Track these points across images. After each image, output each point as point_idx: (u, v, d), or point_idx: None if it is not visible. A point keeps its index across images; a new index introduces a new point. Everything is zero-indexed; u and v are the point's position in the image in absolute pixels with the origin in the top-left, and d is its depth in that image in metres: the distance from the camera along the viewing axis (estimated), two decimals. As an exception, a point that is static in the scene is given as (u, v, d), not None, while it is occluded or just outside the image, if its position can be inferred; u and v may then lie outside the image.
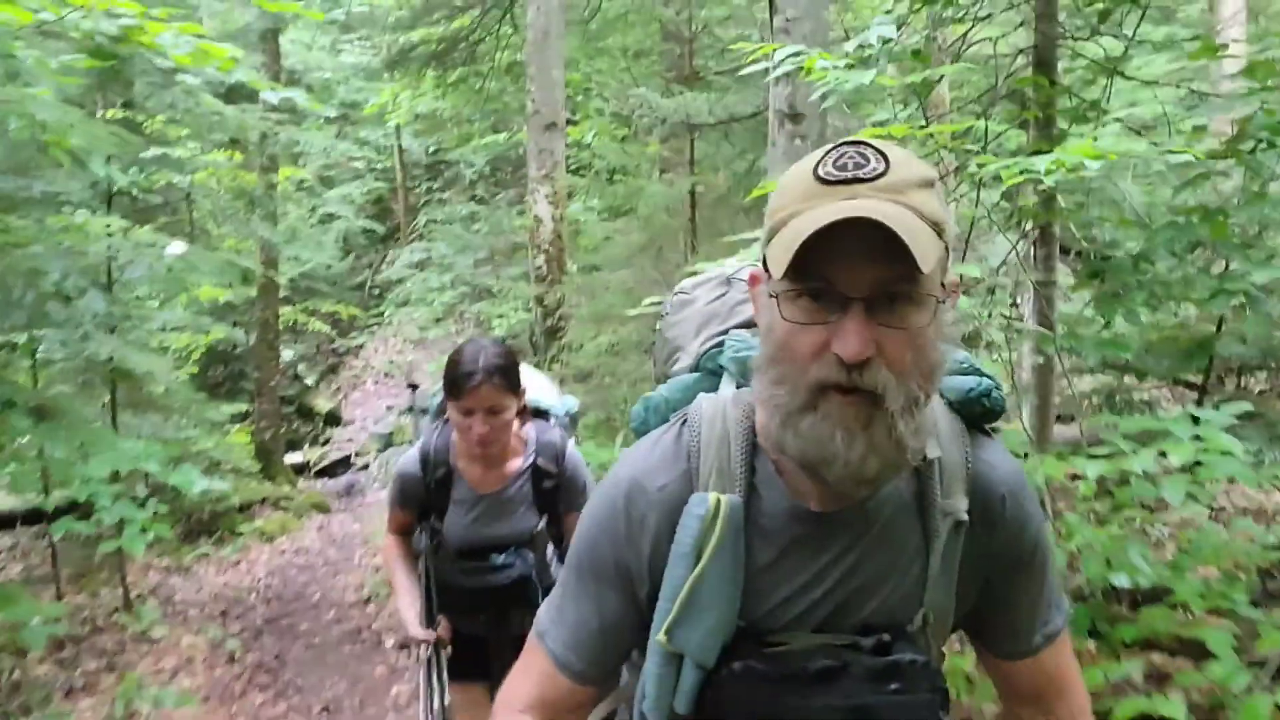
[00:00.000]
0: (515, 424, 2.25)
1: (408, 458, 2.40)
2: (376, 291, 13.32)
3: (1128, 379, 4.47)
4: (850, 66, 2.52)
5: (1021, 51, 3.18)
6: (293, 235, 11.61)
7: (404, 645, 2.74)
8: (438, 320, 10.77)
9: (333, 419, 11.48)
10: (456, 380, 2.14)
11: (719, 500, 1.02)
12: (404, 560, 2.49)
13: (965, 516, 1.05)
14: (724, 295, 1.35)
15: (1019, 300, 3.59)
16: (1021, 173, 2.13)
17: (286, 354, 11.13)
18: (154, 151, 5.99)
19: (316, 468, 10.18)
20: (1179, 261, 2.73)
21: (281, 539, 7.78)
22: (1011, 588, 1.13)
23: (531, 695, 1.15)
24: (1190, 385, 4.05)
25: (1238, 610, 2.40)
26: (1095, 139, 2.42)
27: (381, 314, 12.93)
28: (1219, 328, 3.17)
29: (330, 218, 13.90)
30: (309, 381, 11.95)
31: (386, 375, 12.44)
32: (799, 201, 0.92)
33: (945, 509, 1.05)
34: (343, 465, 10.41)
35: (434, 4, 7.69)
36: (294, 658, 5.02)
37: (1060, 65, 3.05)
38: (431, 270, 11.30)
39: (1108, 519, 2.84)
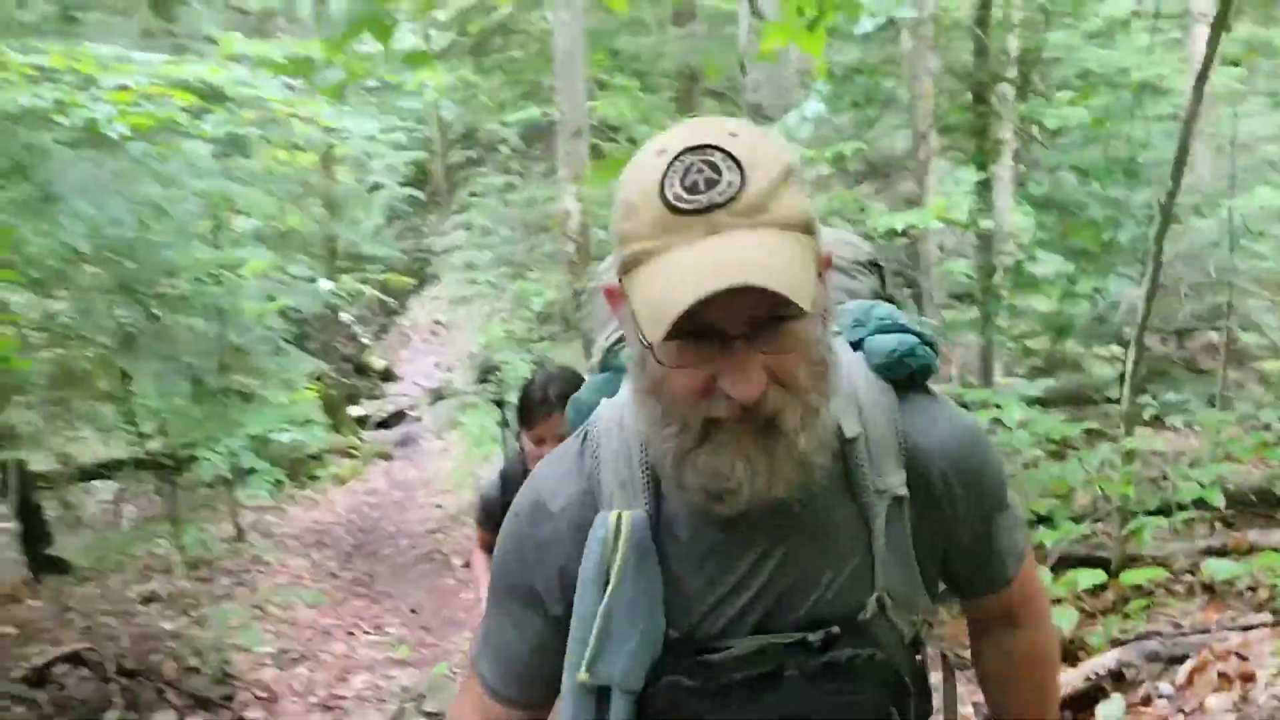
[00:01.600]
0: None
1: (490, 481, 2.55)
2: (421, 255, 14.47)
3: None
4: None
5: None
6: (345, 205, 12.75)
7: None
8: (473, 283, 11.94)
9: (387, 375, 12.77)
10: (528, 409, 2.25)
11: (620, 517, 0.97)
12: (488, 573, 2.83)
13: (903, 491, 0.99)
14: None
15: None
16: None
17: (344, 317, 12.38)
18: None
19: (376, 420, 11.47)
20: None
21: (353, 482, 9.08)
22: (979, 540, 1.09)
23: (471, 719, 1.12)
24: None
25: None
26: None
27: (424, 279, 14.12)
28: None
29: (376, 186, 15.01)
30: (364, 340, 13.20)
31: (432, 334, 13.70)
32: (653, 235, 0.85)
33: (878, 487, 0.99)
34: (398, 418, 11.69)
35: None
36: (380, 575, 6.31)
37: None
38: (472, 239, 12.45)
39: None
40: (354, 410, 11.32)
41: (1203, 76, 3.12)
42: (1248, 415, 4.55)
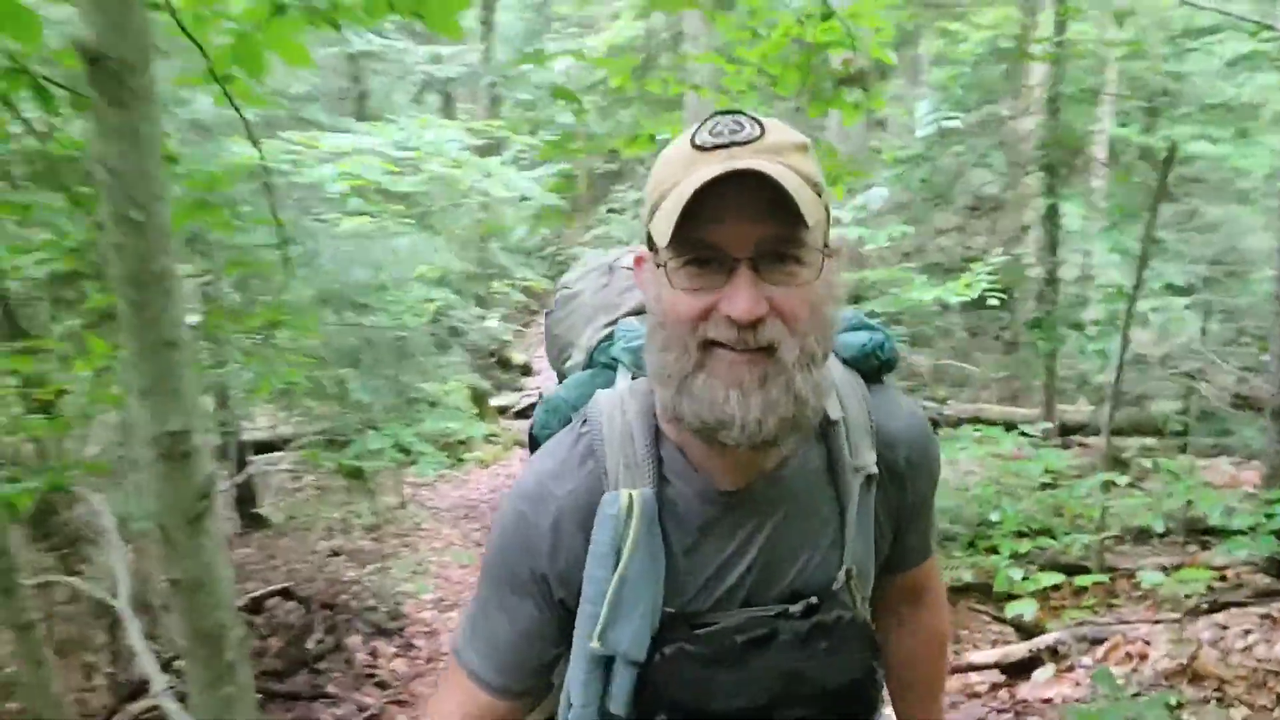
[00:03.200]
0: None
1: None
2: (561, 260, 15.84)
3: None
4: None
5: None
6: (497, 215, 14.20)
7: None
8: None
9: (525, 369, 14.15)
10: None
11: (631, 496, 1.02)
12: None
13: (874, 470, 1.09)
14: (608, 284, 1.36)
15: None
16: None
17: (491, 319, 13.83)
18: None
19: (514, 410, 12.84)
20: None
21: (495, 465, 10.43)
22: (915, 521, 1.21)
23: (453, 713, 1.15)
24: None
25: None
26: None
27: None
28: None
29: (525, 198, 16.49)
30: (507, 337, 14.64)
31: (569, 333, 15.05)
32: (678, 171, 0.94)
33: (855, 466, 1.08)
34: (534, 408, 12.99)
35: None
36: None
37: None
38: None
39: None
40: (496, 401, 12.72)
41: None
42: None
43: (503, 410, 12.75)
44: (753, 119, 0.96)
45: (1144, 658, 3.34)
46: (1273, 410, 3.88)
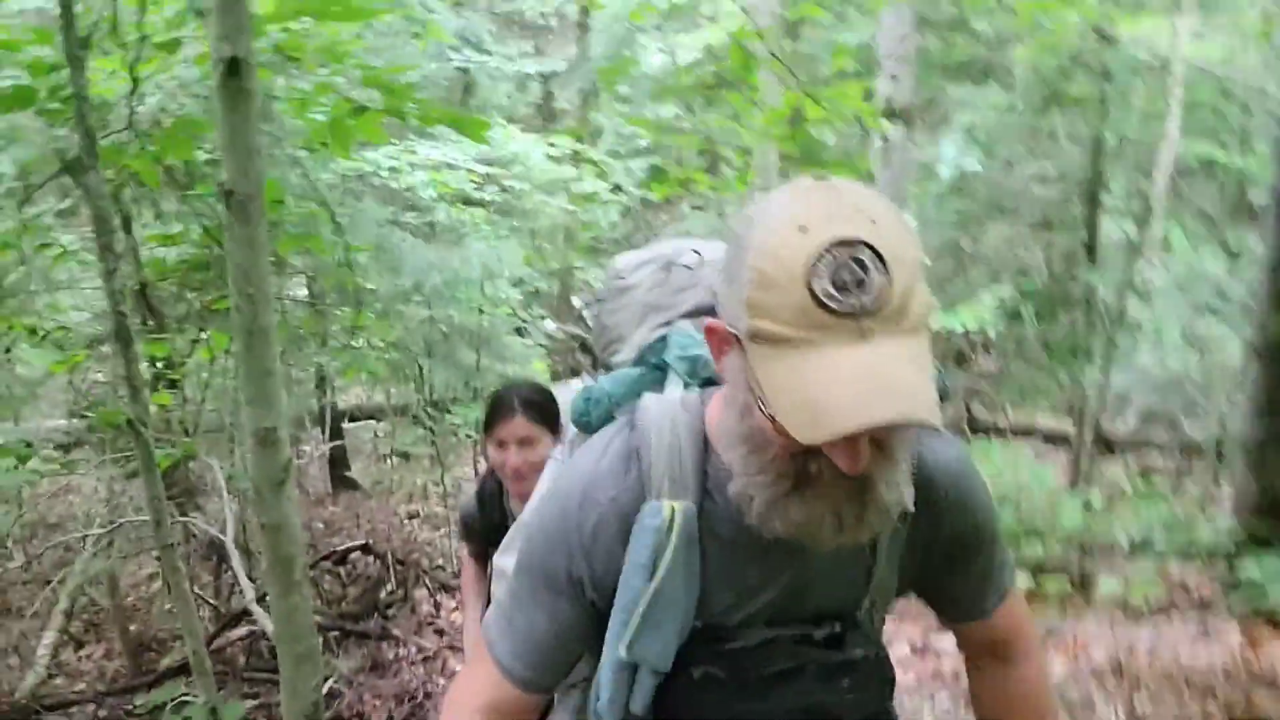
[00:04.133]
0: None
1: (467, 496, 2.59)
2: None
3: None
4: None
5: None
6: (589, 205, 14.91)
7: None
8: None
9: (605, 353, 14.88)
10: (491, 412, 2.28)
11: (673, 509, 1.04)
12: (474, 588, 2.60)
13: (910, 506, 1.04)
14: (664, 282, 1.35)
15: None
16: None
17: (575, 300, 14.58)
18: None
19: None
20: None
21: (567, 445, 11.11)
22: (960, 564, 1.20)
23: (480, 699, 1.19)
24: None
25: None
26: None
27: (650, 270, 16.17)
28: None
29: (617, 188, 17.16)
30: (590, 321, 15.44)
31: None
32: (797, 325, 0.87)
33: None
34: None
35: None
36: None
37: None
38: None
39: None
40: (575, 383, 13.46)
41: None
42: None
43: (578, 391, 13.44)
44: (875, 255, 0.86)
45: (1080, 656, 3.83)
46: (1243, 442, 4.27)
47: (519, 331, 8.60)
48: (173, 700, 3.04)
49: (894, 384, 0.85)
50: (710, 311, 1.12)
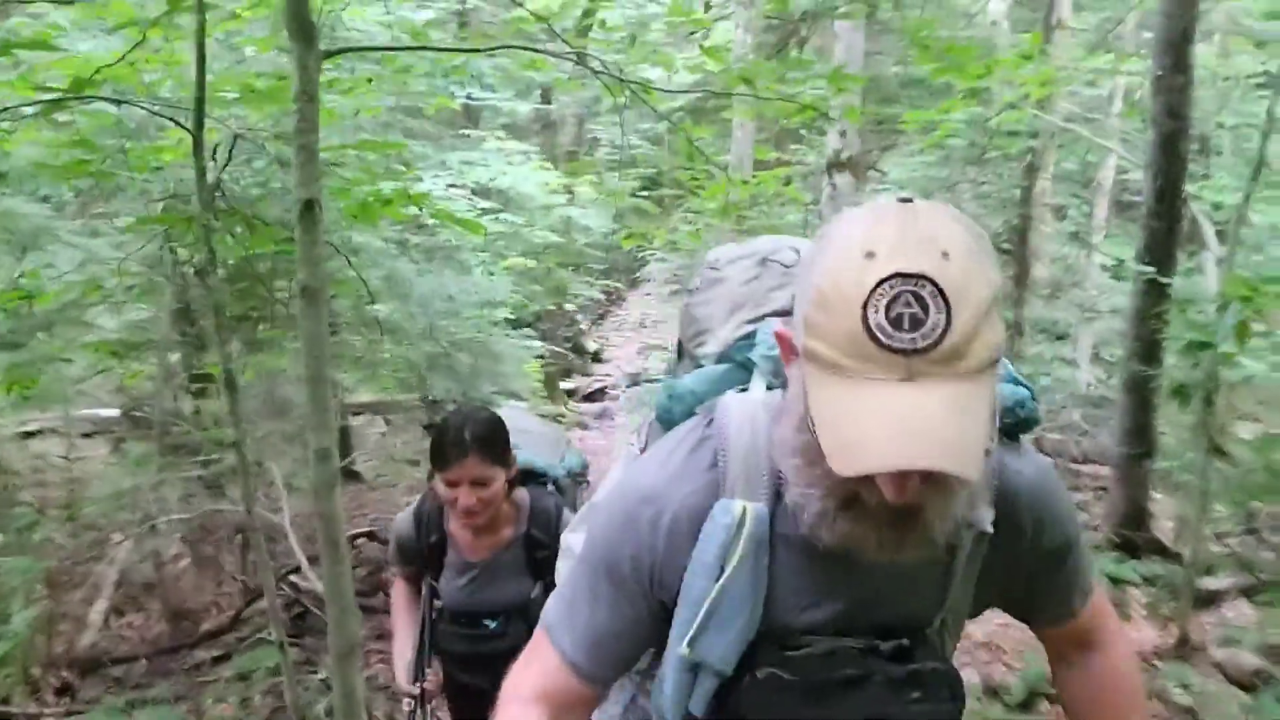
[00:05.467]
0: (505, 491, 2.28)
1: (403, 517, 2.57)
2: (640, 257, 17.28)
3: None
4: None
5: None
6: (583, 212, 15.69)
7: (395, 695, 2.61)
8: (675, 294, 14.65)
9: (597, 356, 15.71)
10: (442, 452, 2.19)
11: (745, 509, 1.05)
12: (407, 609, 2.59)
13: (989, 528, 1.08)
14: (758, 278, 1.34)
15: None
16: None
17: (568, 305, 15.38)
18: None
19: (582, 394, 14.39)
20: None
21: (557, 445, 11.97)
22: (1045, 577, 1.21)
23: (537, 687, 1.19)
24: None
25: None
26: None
27: (642, 276, 16.94)
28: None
29: (611, 194, 17.89)
30: (582, 326, 16.19)
31: (641, 325, 16.52)
32: (847, 352, 0.88)
33: (969, 520, 1.06)
34: (600, 394, 14.54)
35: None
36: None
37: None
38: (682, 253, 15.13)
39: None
40: (566, 384, 14.30)
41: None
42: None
43: (571, 393, 14.32)
44: (938, 293, 0.85)
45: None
46: (1115, 460, 5.09)
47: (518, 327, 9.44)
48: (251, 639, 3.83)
49: (932, 431, 0.84)
50: None
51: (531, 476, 2.45)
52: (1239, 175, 7.77)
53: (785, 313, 1.22)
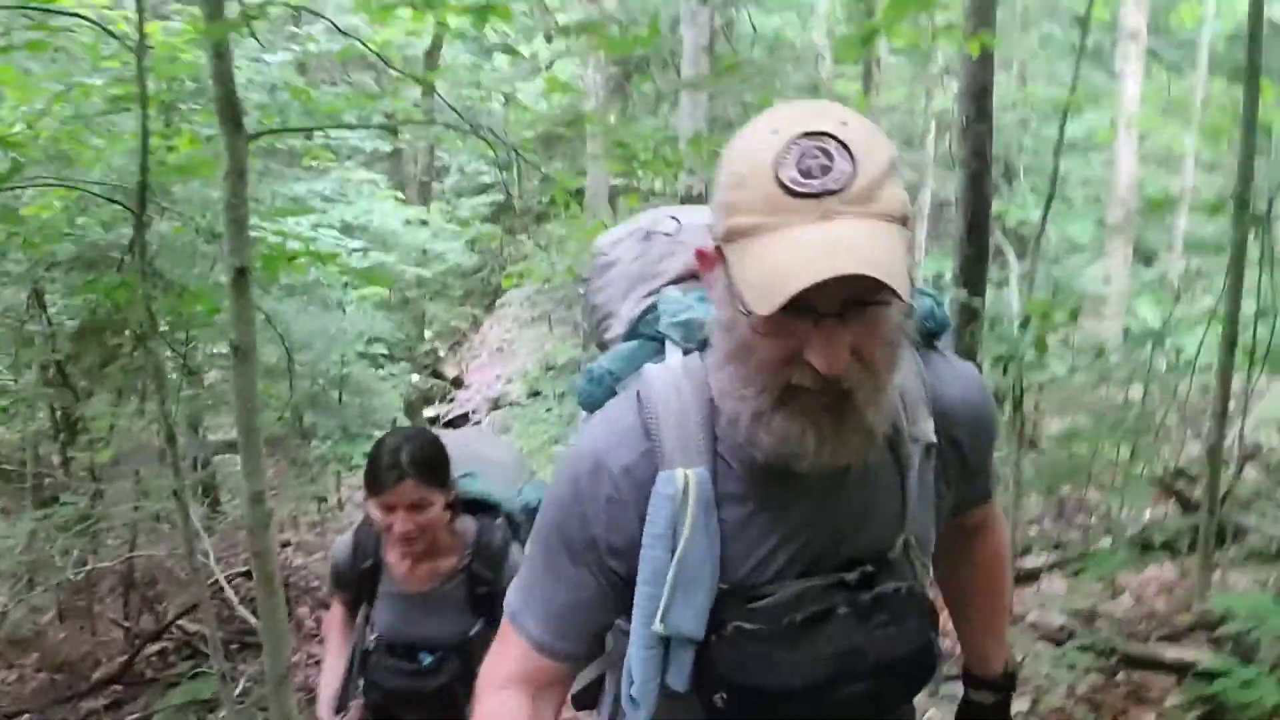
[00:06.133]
0: (446, 518, 2.22)
1: (341, 541, 2.46)
2: (494, 284, 17.54)
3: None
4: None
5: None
6: (436, 239, 15.85)
7: None
8: (533, 319, 15.01)
9: (457, 382, 15.87)
10: (376, 475, 2.14)
11: (687, 477, 1.06)
12: (339, 634, 2.51)
13: (933, 439, 1.12)
14: (644, 252, 1.36)
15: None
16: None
17: (427, 333, 15.52)
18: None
19: (445, 420, 14.53)
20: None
21: (422, 472, 12.11)
22: (973, 477, 1.26)
23: (511, 672, 1.20)
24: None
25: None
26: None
27: (497, 300, 17.26)
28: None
29: (464, 223, 18.12)
30: (441, 353, 16.33)
31: (499, 350, 16.79)
32: (763, 211, 0.92)
33: (913, 435, 1.11)
34: (463, 419, 14.72)
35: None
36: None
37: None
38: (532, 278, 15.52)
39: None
40: (428, 411, 14.44)
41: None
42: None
43: (433, 420, 14.44)
44: (842, 146, 0.92)
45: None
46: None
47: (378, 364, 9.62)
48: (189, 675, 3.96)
49: (853, 248, 0.88)
50: (695, 277, 1.19)
51: (483, 507, 2.35)
52: (1040, 193, 8.77)
53: (680, 280, 1.30)
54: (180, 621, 5.87)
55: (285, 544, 8.79)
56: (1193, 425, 6.10)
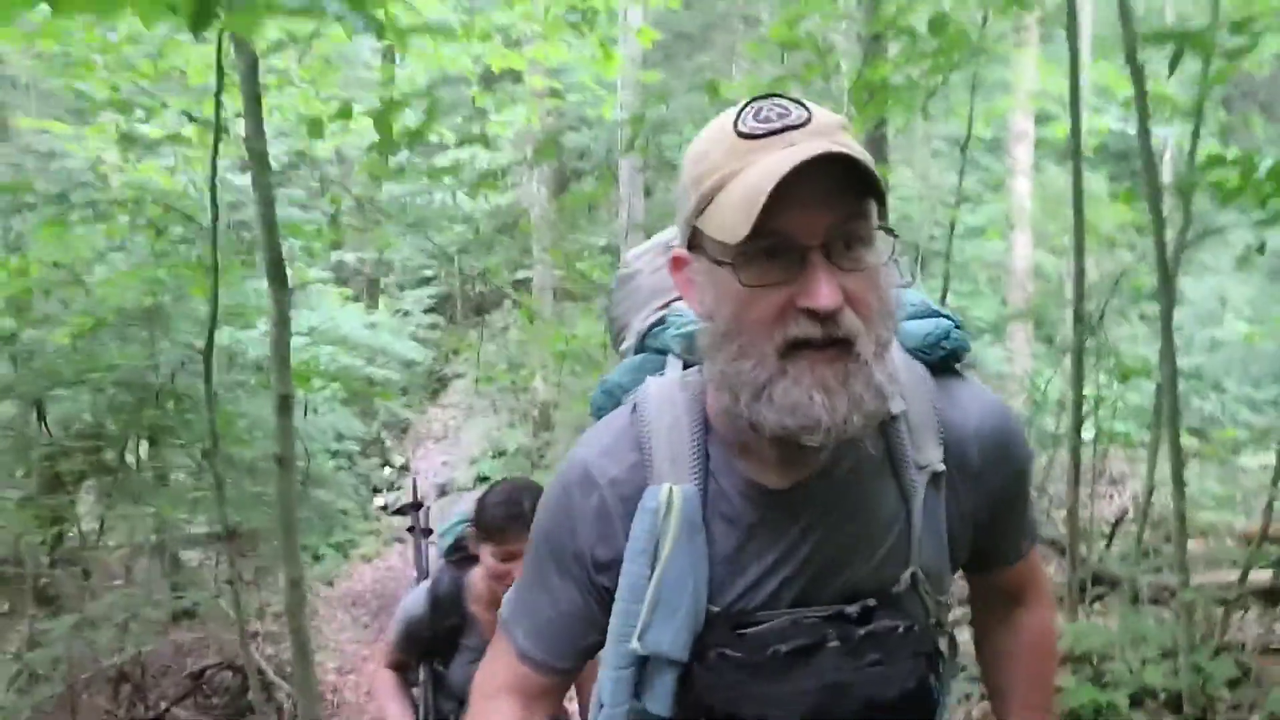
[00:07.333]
0: None
1: (414, 602, 2.45)
2: (438, 374, 18.18)
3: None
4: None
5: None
6: (381, 331, 16.42)
7: None
8: (475, 407, 15.68)
9: (404, 469, 16.35)
10: (500, 525, 2.15)
11: (671, 491, 1.04)
12: (399, 696, 2.52)
13: (941, 468, 1.07)
14: (664, 265, 1.32)
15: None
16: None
17: (374, 424, 16.06)
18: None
19: (393, 508, 14.99)
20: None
21: (376, 560, 12.60)
22: (997, 522, 1.18)
23: (502, 680, 1.20)
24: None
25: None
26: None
27: (441, 388, 17.89)
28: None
29: (405, 313, 18.77)
30: (388, 442, 16.85)
31: (444, 437, 17.37)
32: (729, 161, 0.94)
33: (919, 463, 1.07)
34: (411, 507, 15.16)
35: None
36: (397, 626, 9.87)
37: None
38: (477, 371, 16.21)
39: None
40: (378, 500, 14.91)
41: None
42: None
43: (383, 508, 14.89)
44: (796, 101, 0.95)
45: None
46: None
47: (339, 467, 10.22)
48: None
49: (819, 147, 0.90)
50: None
51: None
52: (941, 274, 9.79)
53: None
54: (174, 709, 6.35)
55: (254, 634, 9.25)
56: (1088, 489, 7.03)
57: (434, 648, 2.46)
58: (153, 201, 3.45)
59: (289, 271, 3.52)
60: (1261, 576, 4.42)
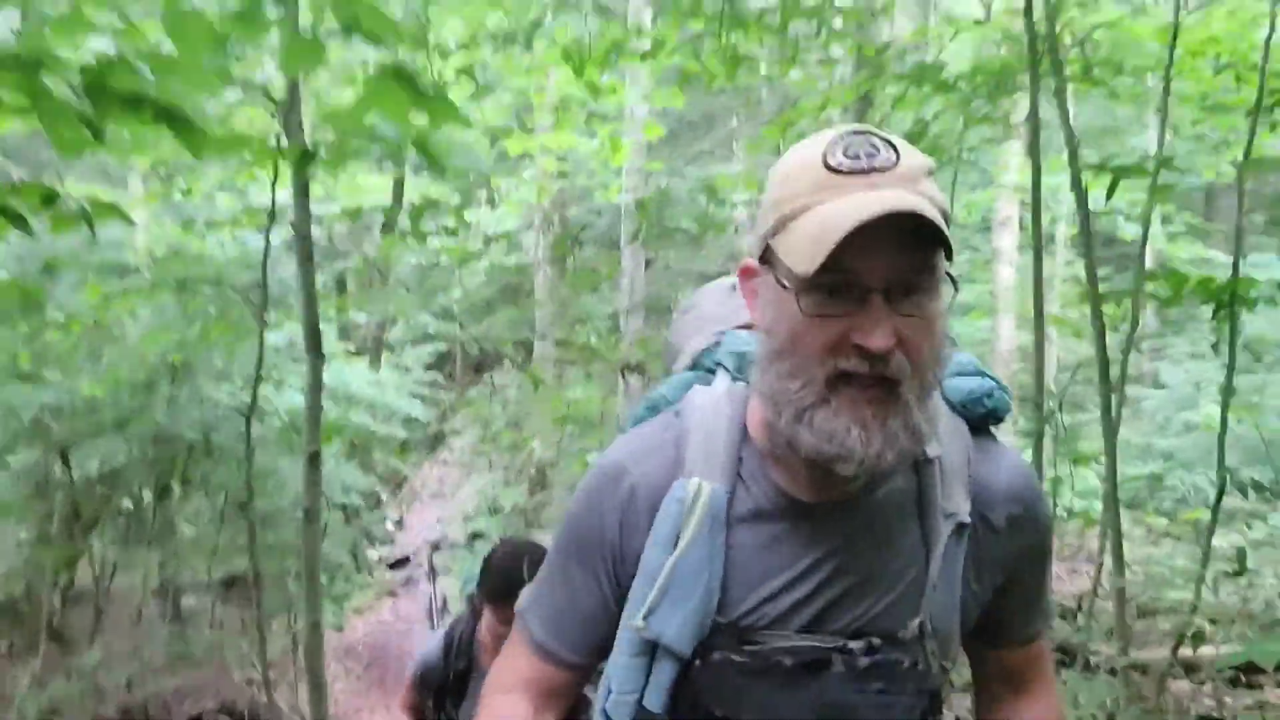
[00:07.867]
0: None
1: (431, 644, 2.57)
2: (434, 431, 18.48)
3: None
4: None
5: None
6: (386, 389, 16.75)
7: None
8: (471, 465, 15.99)
9: (399, 524, 16.60)
10: (503, 593, 2.20)
11: (699, 486, 1.06)
12: None
13: (967, 519, 1.07)
14: (727, 300, 1.41)
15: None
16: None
17: (370, 478, 16.36)
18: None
19: (387, 562, 15.21)
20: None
21: (368, 613, 12.81)
22: (1016, 584, 1.17)
23: (518, 675, 1.21)
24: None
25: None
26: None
27: (437, 444, 18.19)
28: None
29: (406, 370, 19.11)
30: (384, 497, 17.13)
31: (438, 493, 17.64)
32: (812, 192, 0.97)
33: (946, 510, 1.07)
34: (404, 561, 15.39)
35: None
36: (389, 679, 10.08)
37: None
38: (480, 429, 16.55)
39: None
40: (371, 554, 15.14)
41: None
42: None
43: (383, 561, 15.12)
44: (886, 141, 0.98)
45: None
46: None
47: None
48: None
49: (897, 201, 0.92)
50: None
51: None
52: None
53: (751, 326, 1.20)
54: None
55: (249, 681, 9.47)
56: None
57: (445, 690, 2.58)
58: (199, 273, 3.85)
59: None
60: (1207, 650, 4.74)
